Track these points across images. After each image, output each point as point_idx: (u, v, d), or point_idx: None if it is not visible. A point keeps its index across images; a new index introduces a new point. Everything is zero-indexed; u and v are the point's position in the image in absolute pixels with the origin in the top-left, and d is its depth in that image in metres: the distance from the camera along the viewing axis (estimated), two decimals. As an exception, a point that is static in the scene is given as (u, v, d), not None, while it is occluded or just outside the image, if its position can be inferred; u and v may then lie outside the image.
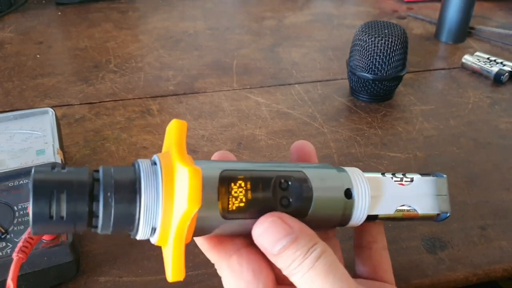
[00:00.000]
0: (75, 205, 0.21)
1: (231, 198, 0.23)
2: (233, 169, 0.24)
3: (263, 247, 0.24)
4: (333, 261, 0.23)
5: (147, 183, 0.21)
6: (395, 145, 0.50)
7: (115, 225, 0.21)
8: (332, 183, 0.26)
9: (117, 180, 0.21)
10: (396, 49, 0.51)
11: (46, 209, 0.20)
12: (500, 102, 0.57)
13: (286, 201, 0.24)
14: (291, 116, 0.54)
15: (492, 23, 0.77)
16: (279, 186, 0.24)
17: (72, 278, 0.35)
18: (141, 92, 0.58)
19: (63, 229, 0.21)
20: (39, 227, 0.21)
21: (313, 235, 0.24)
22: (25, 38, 0.70)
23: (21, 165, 0.39)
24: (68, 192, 0.20)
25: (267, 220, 0.23)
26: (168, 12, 0.80)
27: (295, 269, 0.23)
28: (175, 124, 0.23)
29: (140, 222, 0.22)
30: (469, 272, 0.37)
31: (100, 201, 0.21)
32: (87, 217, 0.21)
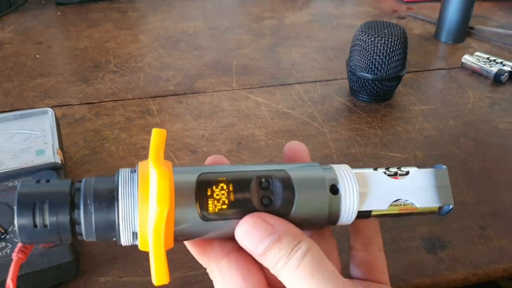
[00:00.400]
0: (57, 213, 0.22)
1: (209, 200, 0.23)
2: (211, 172, 0.24)
3: (247, 248, 0.23)
4: (319, 258, 0.23)
5: (124, 190, 0.23)
6: (394, 145, 0.50)
7: (98, 232, 0.22)
8: (315, 180, 0.26)
9: (97, 188, 0.23)
10: (395, 49, 0.51)
11: (30, 218, 0.22)
12: (500, 102, 0.57)
13: (267, 200, 0.24)
14: (291, 116, 0.54)
15: (492, 23, 0.77)
16: (260, 185, 0.24)
17: (72, 278, 0.35)
18: (141, 92, 0.58)
19: (49, 238, 0.22)
20: (25, 236, 0.22)
21: (297, 233, 0.24)
22: (24, 38, 0.70)
23: (21, 165, 0.39)
24: (50, 201, 0.22)
25: (248, 221, 0.23)
26: (168, 12, 0.80)
27: (281, 269, 0.23)
28: (154, 133, 0.24)
29: (120, 227, 0.22)
30: (469, 272, 0.37)
31: (80, 210, 0.22)
32: (70, 224, 0.22)
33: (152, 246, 0.22)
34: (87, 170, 0.46)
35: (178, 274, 0.36)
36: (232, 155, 0.48)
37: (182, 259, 0.37)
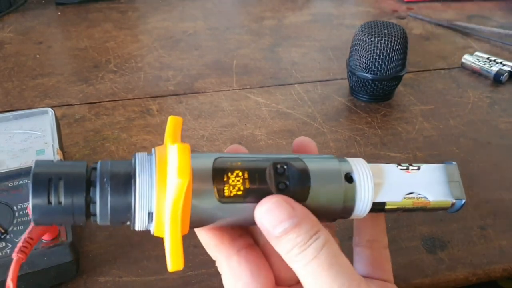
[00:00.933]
0: (73, 191, 0.21)
1: (226, 184, 0.23)
2: (227, 157, 0.24)
3: (264, 228, 0.23)
4: (337, 251, 0.23)
5: (142, 169, 0.22)
6: (395, 145, 0.50)
7: (113, 212, 0.22)
8: (331, 168, 0.26)
9: (114, 168, 0.22)
10: (395, 49, 0.51)
11: (45, 195, 0.21)
12: (500, 102, 0.57)
13: (283, 186, 0.24)
14: (291, 116, 0.54)
15: (492, 23, 0.77)
16: (275, 171, 0.24)
17: (72, 278, 0.35)
18: (140, 92, 0.58)
19: (62, 218, 0.22)
20: (39, 214, 0.21)
21: (316, 221, 0.23)
22: (24, 38, 0.70)
23: (21, 165, 0.39)
24: (66, 179, 0.21)
25: (271, 201, 0.23)
26: (168, 12, 0.80)
27: (296, 256, 0.22)
28: (170, 120, 0.24)
29: (136, 207, 0.22)
30: (469, 272, 0.37)
31: (96, 188, 0.22)
32: (85, 203, 0.21)
33: (169, 226, 0.21)
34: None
35: (179, 274, 0.36)
36: (232, 155, 0.48)
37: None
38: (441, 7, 0.83)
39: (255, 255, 0.25)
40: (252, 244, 0.26)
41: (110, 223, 0.22)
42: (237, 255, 0.25)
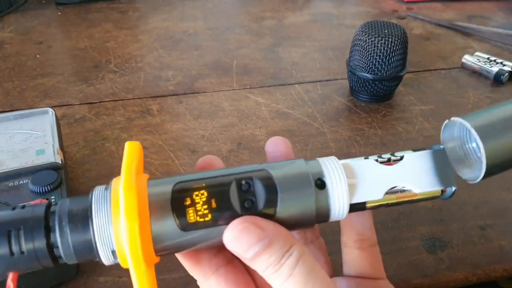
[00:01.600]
0: (33, 239, 0.21)
1: (187, 209, 0.22)
2: (187, 180, 0.23)
3: (236, 253, 0.23)
4: (311, 266, 0.22)
5: (98, 207, 0.22)
6: (395, 145, 0.50)
7: (77, 253, 0.22)
8: (299, 175, 0.24)
9: (71, 209, 0.22)
10: (396, 49, 0.51)
11: (6, 247, 0.21)
12: (500, 102, 0.57)
13: (249, 203, 0.23)
14: (291, 116, 0.54)
15: (492, 23, 0.77)
16: (239, 188, 0.23)
17: (72, 278, 0.35)
18: (141, 92, 0.58)
19: (28, 265, 0.22)
20: (4, 265, 0.21)
21: (287, 236, 0.23)
22: (25, 38, 0.70)
23: (21, 165, 0.39)
24: (24, 227, 0.21)
25: (237, 227, 0.22)
26: (168, 12, 0.80)
27: (271, 275, 0.22)
28: (127, 147, 0.23)
29: (97, 246, 0.22)
30: (469, 272, 0.37)
31: (56, 232, 0.22)
32: (47, 248, 0.22)
33: (130, 263, 0.21)
34: (87, 170, 0.46)
35: (178, 274, 0.36)
36: (232, 155, 0.48)
37: (182, 259, 0.37)
38: (441, 7, 0.83)
39: (234, 272, 0.25)
40: (231, 259, 0.25)
41: (78, 262, 0.22)
42: (214, 276, 0.24)
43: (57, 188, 0.37)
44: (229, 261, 0.25)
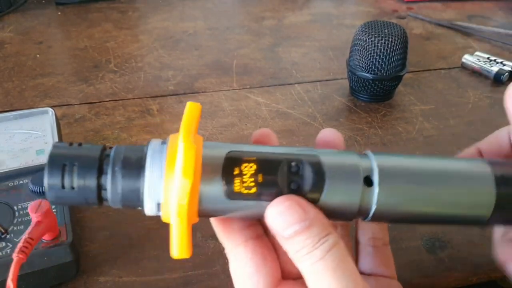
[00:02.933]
0: (84, 177, 0.22)
1: (236, 178, 0.23)
2: (241, 150, 0.24)
3: (274, 229, 0.23)
4: (344, 255, 0.23)
5: (152, 160, 0.22)
6: (395, 145, 0.50)
7: (124, 199, 0.22)
8: (349, 168, 0.24)
9: (126, 156, 0.23)
10: (396, 49, 0.51)
11: (59, 179, 0.22)
12: (500, 102, 0.57)
13: (295, 185, 0.23)
14: (291, 116, 0.54)
15: (492, 23, 0.77)
16: (289, 169, 0.23)
17: (72, 278, 0.35)
18: (141, 92, 0.58)
19: (76, 201, 0.23)
20: (53, 196, 0.22)
21: (327, 224, 0.23)
22: (25, 38, 0.70)
23: (21, 165, 0.39)
24: (79, 164, 0.22)
25: (284, 204, 0.23)
26: (168, 12, 0.80)
27: (303, 256, 0.22)
28: (188, 107, 0.23)
29: (145, 197, 0.22)
30: (469, 272, 0.37)
31: (108, 175, 0.22)
32: (96, 189, 0.22)
33: (174, 219, 0.21)
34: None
35: (179, 274, 0.36)
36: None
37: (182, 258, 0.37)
38: (441, 7, 0.83)
39: (262, 247, 0.25)
40: (261, 235, 0.26)
41: (122, 207, 0.23)
42: (243, 245, 0.25)
43: (57, 188, 0.37)
44: (259, 235, 0.25)
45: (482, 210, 0.25)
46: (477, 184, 0.25)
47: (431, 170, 0.25)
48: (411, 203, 0.25)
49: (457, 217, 0.25)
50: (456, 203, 0.25)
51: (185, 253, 0.22)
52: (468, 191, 0.25)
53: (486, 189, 0.25)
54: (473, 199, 0.25)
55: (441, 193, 0.25)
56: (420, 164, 0.25)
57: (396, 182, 0.24)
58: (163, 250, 0.37)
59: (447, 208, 0.25)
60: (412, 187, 0.24)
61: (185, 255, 0.22)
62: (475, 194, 0.25)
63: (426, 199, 0.25)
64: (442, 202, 0.25)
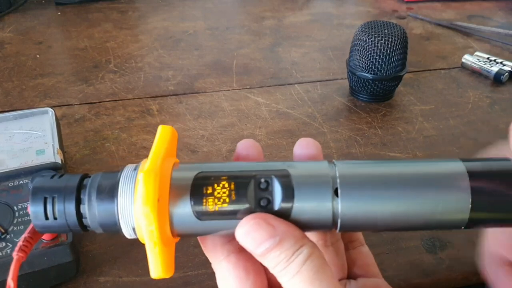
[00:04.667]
0: (64, 208, 0.24)
1: (205, 199, 0.23)
2: (210, 171, 0.24)
3: (247, 248, 0.23)
4: (320, 265, 0.23)
5: (123, 187, 0.23)
6: (395, 145, 0.50)
7: (103, 226, 0.24)
8: (319, 179, 0.24)
9: (100, 184, 0.24)
10: (396, 49, 0.51)
11: (42, 211, 0.24)
12: (500, 102, 0.57)
13: (265, 202, 0.23)
14: (291, 116, 0.54)
15: (492, 23, 0.77)
16: (258, 186, 0.24)
17: (72, 278, 0.35)
18: (141, 92, 0.58)
19: (60, 229, 0.24)
20: (39, 226, 0.24)
21: (299, 236, 0.23)
22: (25, 38, 0.70)
23: (21, 165, 0.39)
24: (58, 196, 0.24)
25: (249, 223, 0.23)
26: (168, 12, 0.80)
27: (280, 272, 0.23)
28: (159, 130, 0.24)
29: (120, 223, 0.23)
30: (469, 272, 0.37)
31: (85, 204, 0.24)
32: (77, 219, 0.24)
33: (147, 244, 0.22)
34: (87, 170, 0.46)
35: (178, 274, 0.36)
36: (232, 155, 0.48)
37: (182, 258, 0.37)
38: (441, 7, 0.83)
39: (245, 260, 0.25)
40: (243, 248, 0.26)
41: (104, 232, 0.24)
42: (226, 260, 0.25)
43: (57, 188, 0.37)
44: (241, 249, 0.25)
45: (458, 214, 0.24)
46: (450, 184, 0.24)
47: (398, 175, 0.24)
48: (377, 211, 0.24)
49: (431, 222, 0.24)
50: (427, 208, 0.24)
51: (164, 273, 0.22)
52: (441, 194, 0.24)
53: (460, 191, 0.23)
54: (446, 201, 0.23)
55: (408, 199, 0.23)
56: (385, 170, 0.24)
57: (357, 190, 0.24)
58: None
59: (418, 214, 0.24)
60: (377, 194, 0.24)
61: (165, 275, 0.22)
62: (448, 196, 0.23)
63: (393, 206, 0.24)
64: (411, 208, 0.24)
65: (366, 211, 0.24)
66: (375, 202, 0.24)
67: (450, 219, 0.24)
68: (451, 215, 0.24)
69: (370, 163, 0.25)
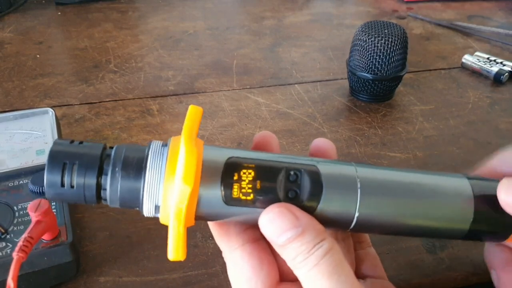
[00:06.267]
0: (84, 176, 0.22)
1: (235, 184, 0.23)
2: (241, 157, 0.24)
3: (268, 236, 0.23)
4: (339, 260, 0.23)
5: (153, 162, 0.23)
6: (395, 145, 0.50)
7: (122, 199, 0.23)
8: (346, 179, 0.25)
9: (126, 157, 0.23)
10: (396, 49, 0.51)
11: (58, 177, 0.22)
12: (500, 102, 0.57)
13: (293, 193, 0.24)
14: (291, 116, 0.54)
15: (492, 23, 0.77)
16: (287, 177, 0.24)
17: (71, 278, 0.35)
18: (141, 92, 0.58)
19: (74, 198, 0.23)
20: (52, 193, 0.22)
21: (321, 230, 0.23)
22: (25, 38, 0.70)
23: (21, 165, 0.39)
24: (79, 163, 0.22)
25: (273, 210, 0.23)
26: (168, 12, 0.80)
27: (299, 264, 0.23)
28: (190, 110, 0.24)
29: (144, 199, 0.22)
30: (469, 272, 0.37)
31: (108, 175, 0.22)
32: (95, 188, 0.22)
33: (172, 222, 0.22)
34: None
35: (178, 274, 0.36)
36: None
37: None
38: (441, 7, 0.83)
39: (259, 250, 0.25)
40: (258, 238, 0.26)
41: (120, 207, 0.23)
42: (240, 249, 0.25)
43: (57, 188, 0.37)
44: (256, 239, 0.25)
45: (460, 224, 0.26)
46: (457, 199, 0.26)
47: (412, 185, 0.26)
48: (389, 218, 0.25)
49: (436, 229, 0.26)
50: (434, 216, 0.26)
51: (181, 255, 0.22)
52: (448, 205, 0.26)
53: (465, 204, 0.26)
54: (452, 213, 0.26)
55: (420, 206, 0.25)
56: (401, 179, 0.26)
57: (375, 198, 0.25)
58: (163, 250, 0.37)
59: (426, 220, 0.26)
60: (392, 198, 0.25)
61: (180, 257, 0.22)
62: (454, 209, 0.26)
63: (405, 211, 0.25)
64: (422, 214, 0.25)
65: (379, 218, 0.25)
66: (389, 211, 0.25)
67: (451, 228, 0.26)
68: (453, 224, 0.26)
69: (386, 170, 0.26)
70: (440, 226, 0.26)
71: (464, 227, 0.26)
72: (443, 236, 0.27)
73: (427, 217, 0.26)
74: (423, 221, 0.26)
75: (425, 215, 0.26)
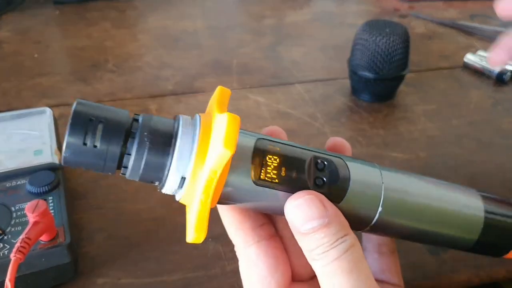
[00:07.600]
0: (111, 138, 0.21)
1: (264, 166, 0.23)
2: (270, 140, 0.24)
3: (292, 222, 0.22)
4: (360, 257, 0.22)
5: (184, 132, 0.22)
6: (397, 145, 0.49)
7: (145, 169, 0.21)
8: (372, 176, 0.25)
9: (156, 122, 0.22)
10: (397, 48, 0.51)
11: (81, 135, 0.20)
12: (503, 101, 0.57)
13: (320, 181, 0.23)
14: (292, 116, 0.53)
15: (494, 22, 0.77)
16: (316, 165, 0.24)
17: (70, 279, 0.35)
18: (139, 91, 0.57)
19: (93, 162, 0.21)
20: (71, 153, 0.20)
21: (345, 224, 0.23)
22: (23, 38, 0.70)
23: (19, 166, 0.38)
24: (106, 123, 0.21)
25: (304, 196, 0.22)
26: (167, 11, 0.80)
27: (318, 255, 0.22)
28: (218, 90, 0.24)
29: (171, 168, 0.21)
30: (471, 273, 0.36)
31: (135, 140, 0.21)
32: (119, 152, 0.21)
33: (200, 194, 0.21)
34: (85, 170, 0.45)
35: (178, 276, 0.35)
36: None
37: (182, 260, 0.36)
38: (443, 6, 0.83)
39: (275, 248, 0.25)
40: (273, 235, 0.25)
41: (139, 179, 0.22)
42: (255, 246, 0.24)
43: (55, 188, 0.37)
44: (271, 236, 0.25)
45: (469, 235, 0.27)
46: (469, 210, 0.27)
47: (428, 186, 0.27)
48: (404, 225, 0.26)
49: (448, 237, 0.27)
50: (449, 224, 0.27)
51: (202, 235, 0.21)
52: (460, 215, 0.27)
53: (475, 217, 0.27)
54: (463, 223, 0.27)
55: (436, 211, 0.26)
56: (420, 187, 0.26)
57: (396, 204, 0.25)
58: (162, 252, 0.37)
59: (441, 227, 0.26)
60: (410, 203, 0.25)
61: (201, 238, 0.21)
62: (466, 219, 0.27)
63: (421, 216, 0.26)
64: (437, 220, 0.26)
65: (397, 223, 0.25)
66: (406, 218, 0.25)
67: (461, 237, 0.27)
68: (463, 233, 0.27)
69: (406, 175, 0.27)
70: (452, 234, 0.27)
71: (472, 237, 0.27)
72: (454, 244, 0.28)
73: (442, 224, 0.26)
74: (437, 228, 0.26)
75: (440, 222, 0.26)
